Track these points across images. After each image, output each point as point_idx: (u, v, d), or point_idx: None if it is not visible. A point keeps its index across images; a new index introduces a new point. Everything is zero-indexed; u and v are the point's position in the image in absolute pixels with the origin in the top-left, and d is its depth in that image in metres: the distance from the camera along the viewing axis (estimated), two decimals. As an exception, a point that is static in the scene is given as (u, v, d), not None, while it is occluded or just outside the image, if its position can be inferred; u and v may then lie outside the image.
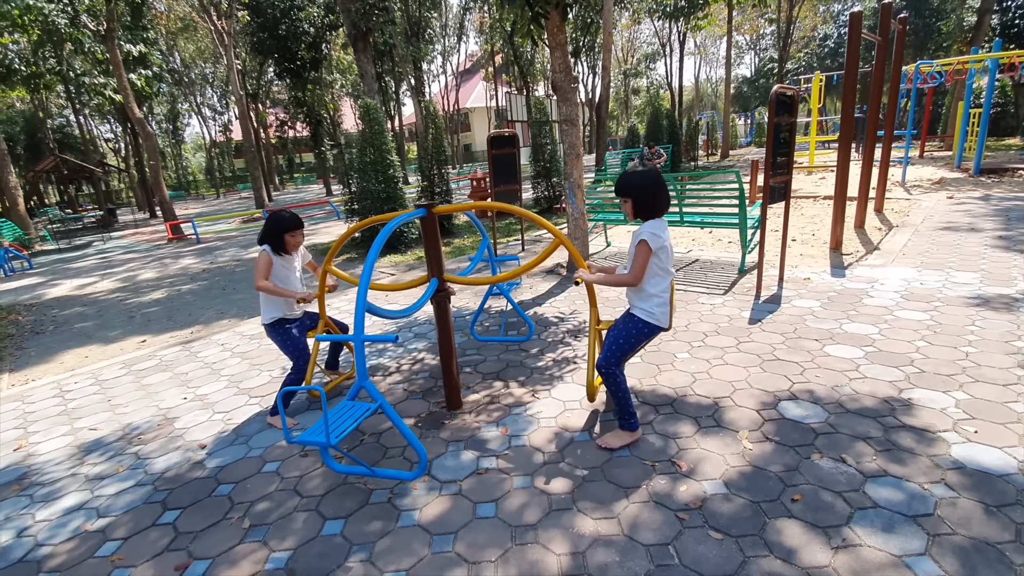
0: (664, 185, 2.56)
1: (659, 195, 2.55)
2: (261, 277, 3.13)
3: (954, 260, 5.30)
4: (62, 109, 34.16)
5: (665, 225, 2.56)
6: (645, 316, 2.58)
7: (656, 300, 2.56)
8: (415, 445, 2.37)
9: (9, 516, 2.57)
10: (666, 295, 2.57)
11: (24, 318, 7.05)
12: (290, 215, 3.22)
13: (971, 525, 1.94)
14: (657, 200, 2.55)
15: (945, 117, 21.66)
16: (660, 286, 2.56)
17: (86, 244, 15.75)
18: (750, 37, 49.60)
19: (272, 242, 3.18)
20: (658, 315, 2.57)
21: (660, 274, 2.55)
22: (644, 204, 2.56)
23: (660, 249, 2.49)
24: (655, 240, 2.47)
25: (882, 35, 6.78)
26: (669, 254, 2.53)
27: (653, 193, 2.54)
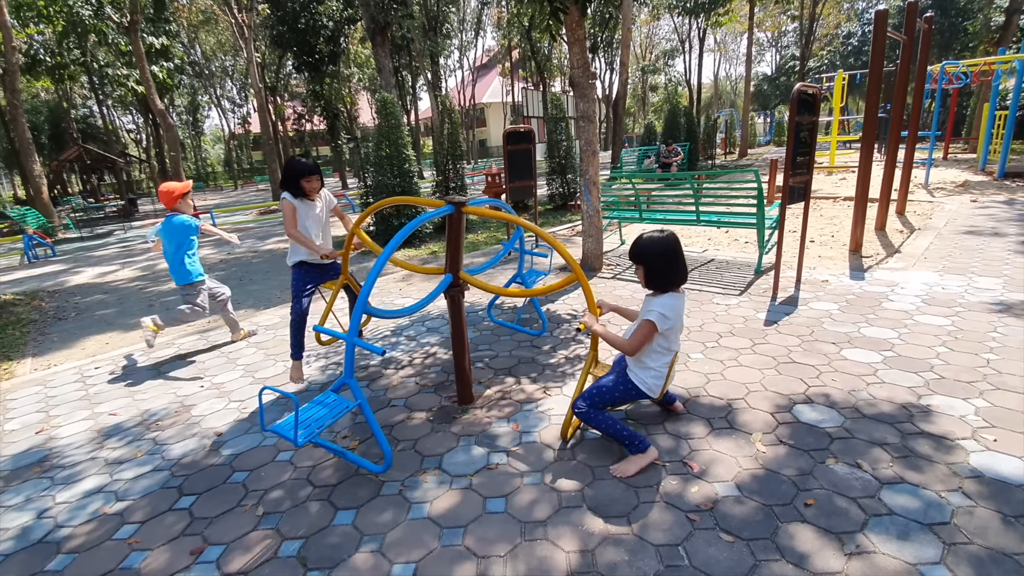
0: (681, 254, 2.38)
1: (675, 265, 2.37)
2: (291, 225, 3.32)
3: (977, 265, 5.19)
4: (85, 100, 34.79)
5: (681, 301, 2.42)
6: (637, 382, 2.51)
7: (652, 373, 2.47)
8: (383, 446, 2.44)
9: (30, 497, 2.64)
10: (664, 370, 2.47)
11: (47, 304, 7.21)
12: (306, 160, 3.33)
13: (988, 535, 1.90)
14: (673, 271, 2.38)
15: (970, 119, 21.16)
16: (659, 361, 2.46)
17: (107, 233, 16.06)
18: (771, 34, 48.85)
19: (291, 188, 3.30)
20: (650, 385, 2.50)
21: (660, 352, 2.45)
22: (657, 275, 2.40)
23: (668, 330, 2.38)
24: (663, 322, 2.35)
25: (907, 34, 6.63)
26: (677, 332, 2.44)
27: (669, 262, 2.36)
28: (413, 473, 2.56)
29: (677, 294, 2.43)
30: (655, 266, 2.40)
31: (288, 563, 2.04)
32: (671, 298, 2.39)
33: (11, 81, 14.94)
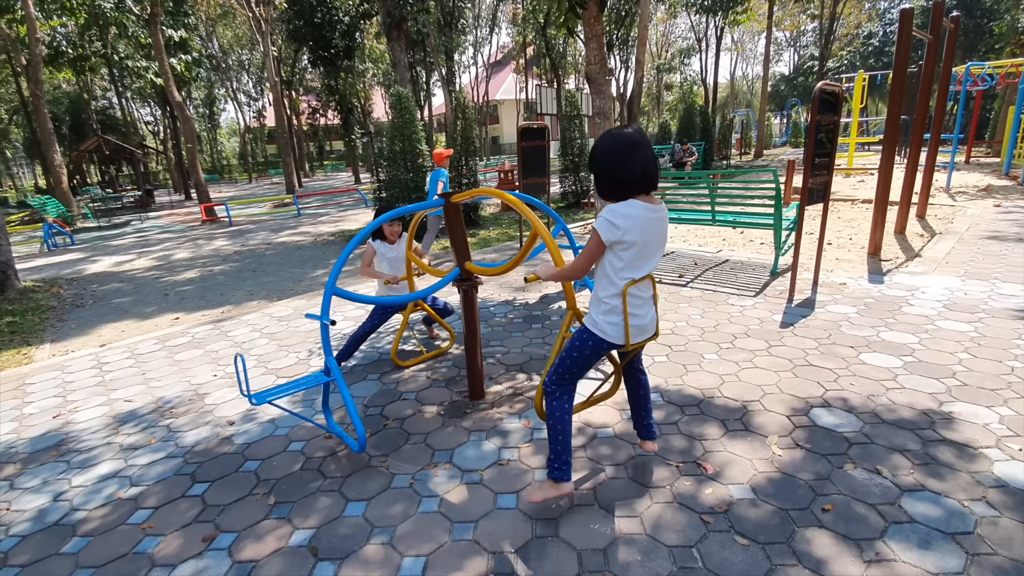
0: (642, 150, 1.85)
1: (629, 162, 1.84)
2: (363, 264, 3.80)
3: (1000, 270, 5.07)
4: (105, 91, 35.28)
5: (642, 211, 1.87)
6: (589, 324, 2.07)
7: (603, 307, 2.01)
8: (357, 428, 2.53)
9: (47, 480, 2.67)
10: (616, 302, 1.97)
11: (65, 292, 7.33)
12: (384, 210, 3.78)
13: (1013, 546, 1.85)
14: (625, 168, 1.85)
15: (994, 122, 20.70)
16: (608, 290, 1.99)
17: (125, 223, 16.29)
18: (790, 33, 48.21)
19: (375, 232, 3.79)
20: (603, 326, 2.01)
21: (611, 277, 1.97)
22: (606, 179, 1.91)
23: (617, 243, 1.90)
24: (608, 231, 1.87)
25: (933, 33, 6.49)
26: (637, 252, 1.92)
27: (622, 157, 1.85)
28: (424, 467, 2.55)
29: (638, 201, 1.89)
30: (602, 166, 1.91)
31: (299, 552, 2.05)
32: (627, 205, 1.88)
33: (34, 72, 15.19)
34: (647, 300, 2.06)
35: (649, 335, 2.13)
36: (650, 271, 2.02)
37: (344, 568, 1.95)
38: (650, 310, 2.08)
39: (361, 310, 5.16)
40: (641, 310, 2.04)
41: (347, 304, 5.42)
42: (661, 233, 2.00)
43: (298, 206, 15.93)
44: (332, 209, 16.49)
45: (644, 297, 2.04)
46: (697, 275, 5.59)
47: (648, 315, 2.08)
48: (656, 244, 1.99)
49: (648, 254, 1.98)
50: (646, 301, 2.06)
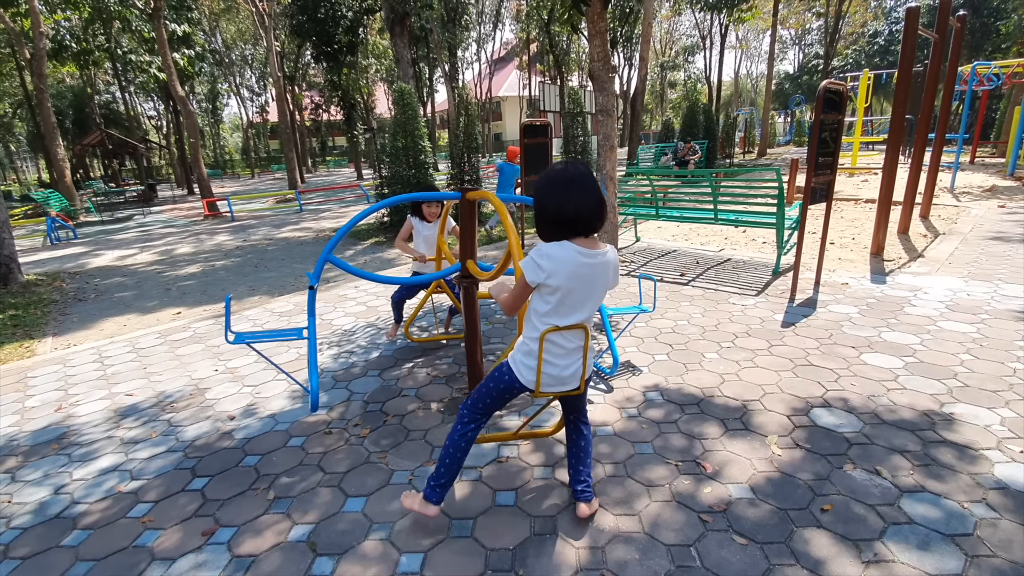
0: (572, 187, 1.72)
1: (557, 203, 1.72)
2: (399, 238, 3.95)
3: (1004, 271, 5.05)
4: (109, 86, 35.30)
5: (568, 254, 1.73)
6: (510, 360, 1.95)
7: (524, 348, 1.90)
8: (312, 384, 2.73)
9: (48, 473, 2.68)
10: (534, 346, 1.84)
11: (68, 285, 7.34)
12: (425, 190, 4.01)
13: (1013, 549, 1.84)
14: (553, 210, 1.73)
15: (999, 122, 20.59)
16: (530, 332, 1.87)
17: (127, 217, 16.31)
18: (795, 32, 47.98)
19: (414, 210, 3.94)
20: (519, 365, 1.91)
21: (535, 320, 1.84)
22: (538, 217, 1.80)
23: (542, 286, 1.77)
24: (532, 271, 1.75)
25: (939, 32, 6.45)
26: (562, 298, 1.77)
27: (548, 198, 1.74)
28: (423, 463, 2.55)
29: (571, 244, 1.75)
30: (537, 204, 1.78)
31: (298, 547, 2.05)
32: (557, 246, 1.75)
33: (38, 66, 15.19)
34: (571, 351, 1.88)
35: (568, 388, 1.94)
36: (581, 320, 1.84)
37: (343, 563, 1.96)
38: (573, 362, 1.90)
39: (362, 305, 5.16)
40: (561, 360, 1.88)
41: (347, 301, 5.42)
42: (595, 281, 1.80)
43: (300, 202, 15.93)
44: (334, 205, 16.49)
45: (567, 347, 1.87)
46: (699, 274, 5.58)
47: (570, 367, 1.90)
48: (587, 292, 1.80)
49: (577, 302, 1.80)
50: (570, 352, 1.88)
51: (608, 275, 1.83)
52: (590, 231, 1.77)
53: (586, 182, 1.75)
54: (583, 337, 1.88)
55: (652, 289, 3.29)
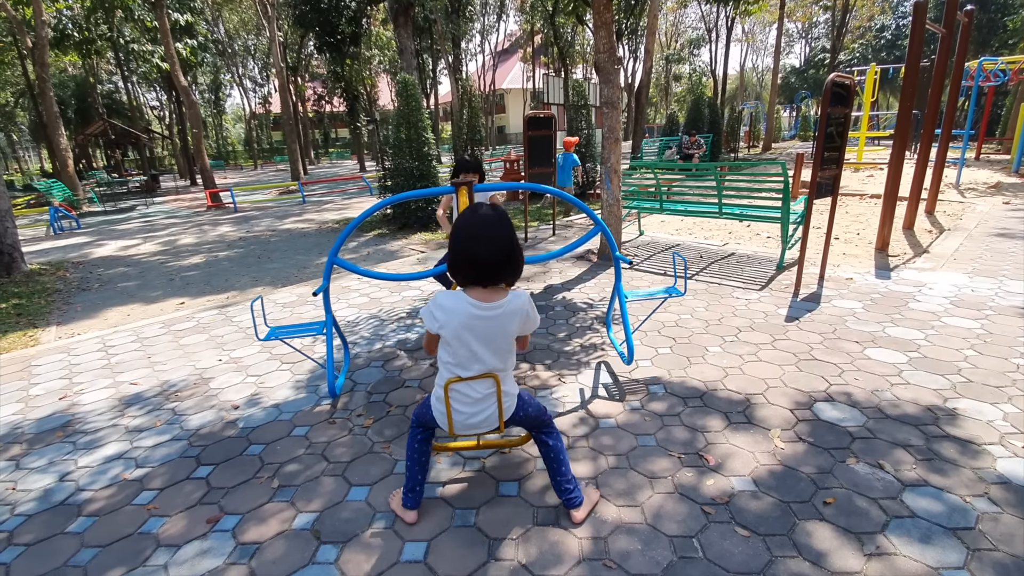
0: (479, 234, 1.68)
1: (457, 249, 1.70)
2: (440, 207, 4.12)
3: (1008, 268, 5.03)
4: (111, 75, 35.21)
5: (460, 305, 1.73)
6: (431, 396, 1.99)
7: (436, 392, 1.91)
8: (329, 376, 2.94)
9: (53, 461, 2.70)
10: (441, 392, 1.85)
11: (71, 275, 7.36)
12: (470, 157, 3.99)
13: (1015, 543, 1.85)
14: (454, 255, 1.71)
15: (1005, 119, 20.44)
16: (439, 379, 1.88)
17: (130, 207, 16.32)
18: (802, 25, 47.56)
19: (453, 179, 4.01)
20: (433, 406, 1.93)
21: (439, 365, 1.86)
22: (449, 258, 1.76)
23: (444, 339, 1.78)
24: (428, 320, 1.77)
25: (946, 27, 6.38)
26: (464, 350, 1.76)
27: (454, 242, 1.72)
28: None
29: (465, 295, 1.74)
30: (450, 245, 1.76)
31: (302, 535, 2.07)
32: (451, 296, 1.75)
33: (40, 55, 15.15)
34: (478, 400, 1.86)
35: (484, 431, 1.94)
36: (485, 371, 1.80)
37: (346, 551, 1.97)
38: (483, 410, 1.87)
39: (365, 296, 5.17)
40: (468, 408, 1.86)
41: (351, 293, 5.43)
42: (492, 333, 1.75)
43: (303, 193, 15.91)
44: (337, 197, 16.46)
45: (473, 397, 1.85)
46: (702, 268, 5.57)
47: (479, 415, 1.87)
48: (484, 344, 1.76)
49: (474, 355, 1.77)
50: (477, 401, 1.86)
51: (509, 327, 1.77)
52: (491, 282, 1.73)
53: (492, 231, 1.69)
54: (492, 386, 1.85)
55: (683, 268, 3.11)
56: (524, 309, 1.77)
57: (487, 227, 1.70)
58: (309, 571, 1.89)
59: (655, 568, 1.82)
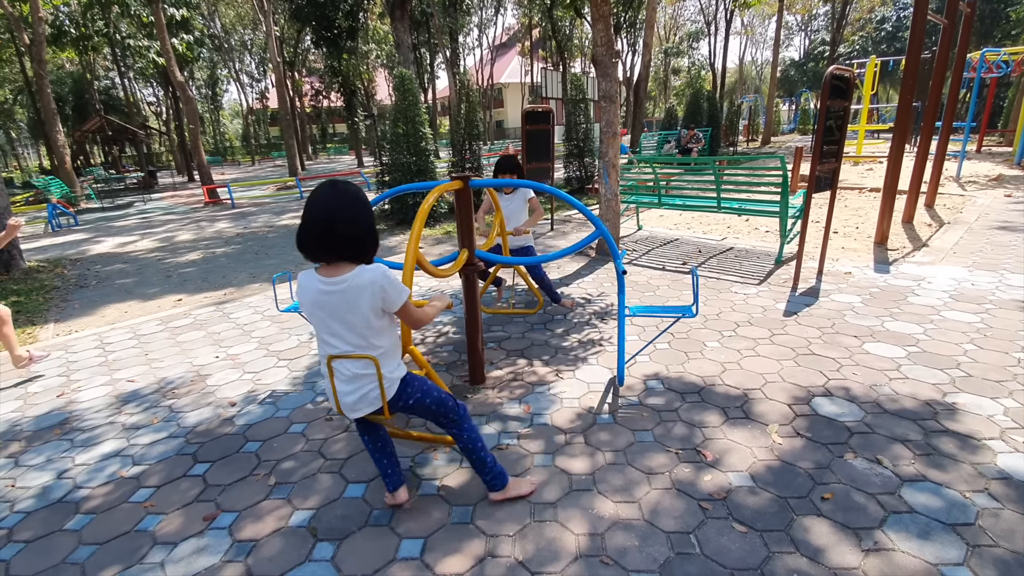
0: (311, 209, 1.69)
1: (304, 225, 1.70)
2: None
3: (1009, 261, 5.01)
4: (108, 71, 35.00)
5: (309, 282, 1.76)
6: None
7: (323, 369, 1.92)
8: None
9: (51, 458, 2.69)
10: (325, 368, 1.86)
11: (69, 272, 7.34)
12: (506, 158, 3.91)
13: (1015, 539, 1.84)
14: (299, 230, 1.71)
15: (1007, 111, 20.35)
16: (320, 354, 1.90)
17: (128, 204, 16.27)
18: (801, 17, 47.31)
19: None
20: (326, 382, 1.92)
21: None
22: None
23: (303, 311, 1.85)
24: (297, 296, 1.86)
25: (948, 18, 6.34)
26: (318, 325, 1.80)
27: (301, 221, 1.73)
28: (423, 450, 2.56)
29: (314, 272, 1.76)
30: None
31: (298, 532, 2.06)
32: (305, 275, 1.78)
33: (38, 52, 15.05)
34: (352, 379, 1.83)
35: (363, 413, 1.89)
36: (350, 350, 1.78)
37: (343, 548, 1.97)
38: (356, 390, 1.84)
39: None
40: (344, 386, 1.84)
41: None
42: (343, 308, 1.73)
43: (301, 189, 15.86)
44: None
45: (347, 374, 1.83)
46: (701, 263, 5.55)
47: (353, 395, 1.84)
48: (340, 320, 1.75)
49: (332, 331, 1.77)
50: (351, 379, 1.83)
51: (357, 301, 1.72)
52: (329, 257, 1.72)
53: (317, 205, 1.68)
54: (366, 366, 1.81)
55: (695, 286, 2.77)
56: (376, 283, 1.71)
57: (328, 201, 1.69)
58: (306, 568, 1.89)
59: (652, 564, 1.82)
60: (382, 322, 1.80)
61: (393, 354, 1.88)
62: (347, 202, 1.69)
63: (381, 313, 1.77)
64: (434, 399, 1.98)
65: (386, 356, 1.84)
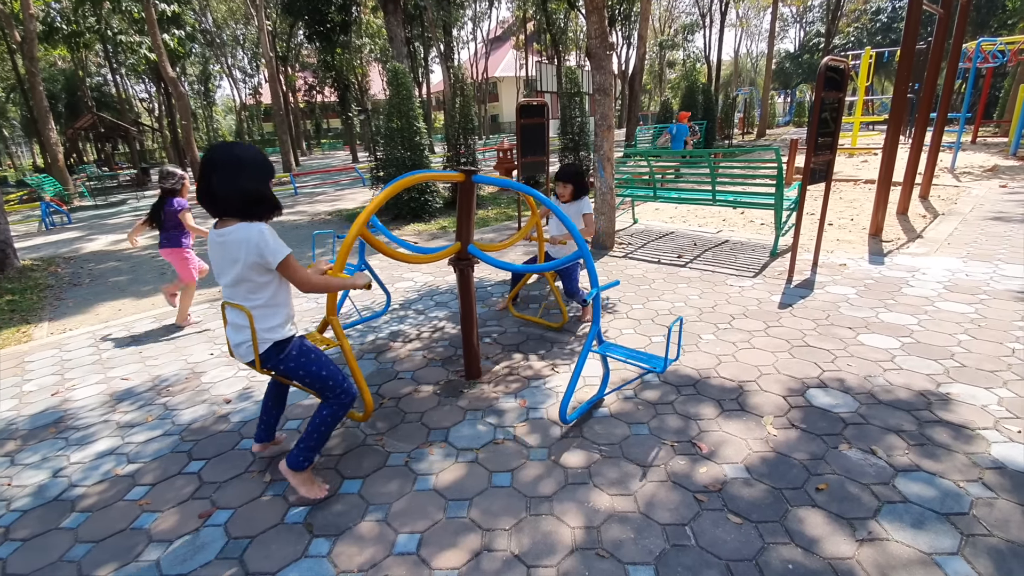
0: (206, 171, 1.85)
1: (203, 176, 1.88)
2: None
3: (1004, 252, 5.03)
4: (100, 68, 34.68)
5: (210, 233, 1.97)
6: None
7: None
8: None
9: (46, 457, 2.68)
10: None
11: (63, 270, 7.30)
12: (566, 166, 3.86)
13: (1009, 528, 1.85)
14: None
15: (1002, 101, 20.37)
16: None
17: (121, 201, 16.17)
18: (796, 9, 47.18)
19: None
20: None
21: None
22: None
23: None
24: None
25: (944, 7, 6.32)
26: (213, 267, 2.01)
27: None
28: (419, 445, 2.56)
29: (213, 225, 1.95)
30: None
31: (294, 529, 2.06)
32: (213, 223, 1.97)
33: (29, 49, 14.90)
34: (234, 327, 2.03)
35: (245, 361, 2.06)
36: (230, 299, 1.98)
37: (339, 544, 1.97)
38: (237, 336, 2.03)
39: (359, 290, 5.14)
40: (230, 333, 2.06)
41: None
42: (226, 257, 1.90)
43: (295, 185, 15.78)
44: (329, 188, 16.33)
45: (232, 322, 2.04)
46: (696, 255, 5.55)
47: (234, 340, 2.04)
48: (221, 267, 1.95)
49: (223, 279, 1.97)
50: (236, 327, 2.03)
51: (236, 254, 1.86)
52: (212, 212, 1.91)
53: (203, 166, 1.86)
54: (243, 317, 1.97)
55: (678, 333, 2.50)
56: (252, 240, 1.84)
57: (208, 162, 1.85)
58: (302, 564, 1.89)
59: (648, 557, 1.82)
60: (264, 278, 1.93)
61: (274, 314, 1.99)
62: (228, 163, 1.83)
63: (262, 270, 1.90)
64: (313, 375, 2.06)
65: (263, 312, 1.96)
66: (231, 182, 1.83)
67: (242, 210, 1.87)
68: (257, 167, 1.89)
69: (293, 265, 1.91)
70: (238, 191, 1.84)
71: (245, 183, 1.84)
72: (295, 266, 1.92)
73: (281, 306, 2.01)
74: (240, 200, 1.85)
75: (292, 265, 1.91)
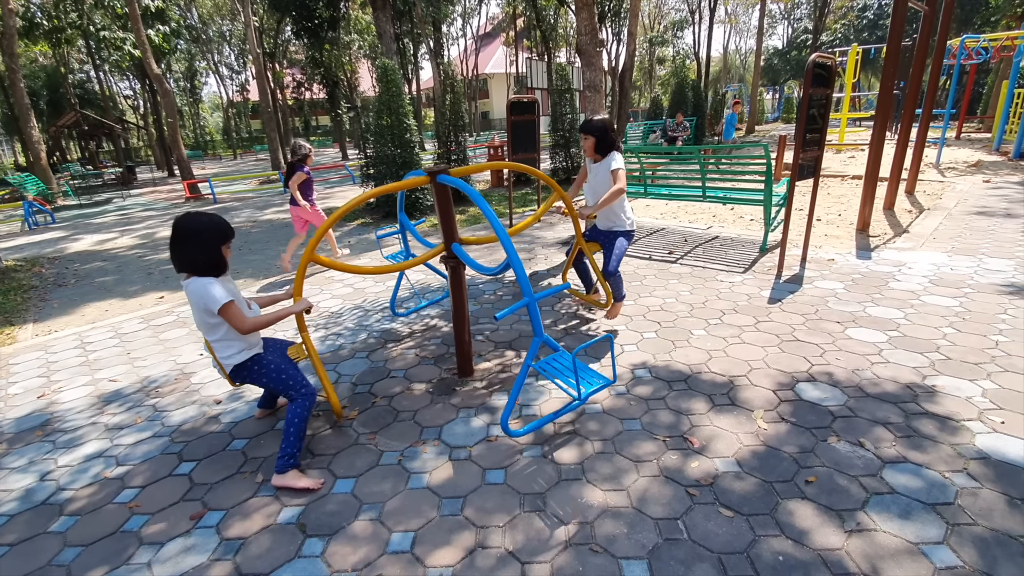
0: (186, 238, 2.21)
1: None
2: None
3: (987, 246, 5.11)
4: (83, 64, 34.06)
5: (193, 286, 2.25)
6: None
7: None
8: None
9: (33, 460, 2.65)
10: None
11: (47, 271, 7.18)
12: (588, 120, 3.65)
13: (993, 517, 1.89)
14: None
15: (986, 97, 20.65)
16: None
17: (106, 200, 15.93)
18: (784, 6, 47.47)
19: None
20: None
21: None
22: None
23: None
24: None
25: (929, 5, 6.39)
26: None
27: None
28: (412, 443, 2.55)
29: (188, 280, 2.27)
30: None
31: (287, 530, 2.05)
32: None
33: (9, 45, 14.59)
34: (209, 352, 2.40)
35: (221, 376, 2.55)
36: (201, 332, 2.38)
37: (333, 544, 1.96)
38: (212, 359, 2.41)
39: (349, 287, 5.11)
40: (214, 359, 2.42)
41: (334, 283, 5.36)
42: (191, 306, 2.30)
43: (284, 182, 15.63)
44: (319, 186, 16.20)
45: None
46: (687, 252, 5.58)
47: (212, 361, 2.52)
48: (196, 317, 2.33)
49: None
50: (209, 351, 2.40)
51: (191, 301, 2.26)
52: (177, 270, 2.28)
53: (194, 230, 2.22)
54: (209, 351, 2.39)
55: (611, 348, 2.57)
56: (199, 293, 2.20)
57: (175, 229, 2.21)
58: (295, 565, 1.88)
59: (640, 551, 1.84)
60: (214, 320, 2.26)
61: (230, 345, 2.34)
62: (177, 234, 2.21)
63: (212, 313, 2.22)
64: (274, 379, 2.40)
65: (221, 344, 2.33)
66: (183, 249, 2.21)
67: (194, 270, 2.24)
68: (200, 234, 2.21)
69: (230, 311, 2.21)
70: (185, 256, 2.22)
71: (192, 250, 2.20)
72: (232, 312, 2.21)
73: (235, 340, 2.34)
74: (191, 263, 2.23)
75: (229, 311, 2.21)
